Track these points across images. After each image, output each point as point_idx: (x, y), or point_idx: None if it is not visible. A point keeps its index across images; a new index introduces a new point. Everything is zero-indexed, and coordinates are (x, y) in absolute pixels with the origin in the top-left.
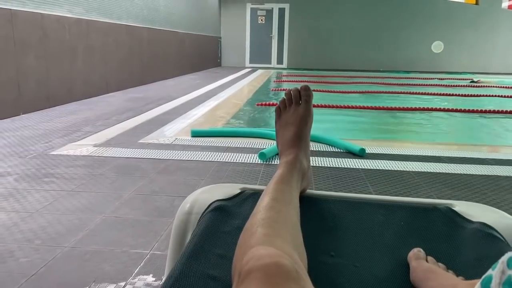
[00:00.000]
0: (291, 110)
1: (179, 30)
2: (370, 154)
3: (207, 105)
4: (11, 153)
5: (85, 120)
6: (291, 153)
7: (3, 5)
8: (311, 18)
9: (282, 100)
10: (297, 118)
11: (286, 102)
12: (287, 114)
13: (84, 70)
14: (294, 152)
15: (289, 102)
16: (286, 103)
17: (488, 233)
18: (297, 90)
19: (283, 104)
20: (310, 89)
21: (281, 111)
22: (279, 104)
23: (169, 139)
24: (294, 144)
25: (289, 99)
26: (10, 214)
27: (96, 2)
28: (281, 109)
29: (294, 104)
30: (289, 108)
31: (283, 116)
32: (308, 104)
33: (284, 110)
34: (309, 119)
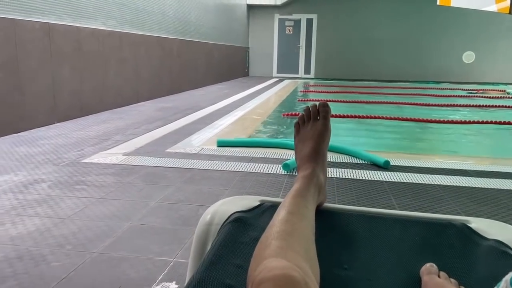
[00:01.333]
0: (309, 125)
1: (209, 41)
2: (395, 167)
3: (233, 115)
4: (45, 160)
5: (116, 129)
6: (308, 168)
7: (41, 19)
8: (339, 29)
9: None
10: (315, 134)
11: (305, 118)
12: (305, 130)
13: (116, 81)
14: (311, 166)
15: (307, 118)
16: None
17: (502, 251)
18: (315, 107)
19: (301, 119)
20: (328, 106)
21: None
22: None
23: (195, 149)
24: (312, 159)
25: (308, 115)
26: (43, 219)
27: (129, 15)
28: (300, 124)
29: (312, 120)
30: (308, 124)
31: (301, 132)
32: (326, 120)
33: (302, 125)
34: (326, 135)
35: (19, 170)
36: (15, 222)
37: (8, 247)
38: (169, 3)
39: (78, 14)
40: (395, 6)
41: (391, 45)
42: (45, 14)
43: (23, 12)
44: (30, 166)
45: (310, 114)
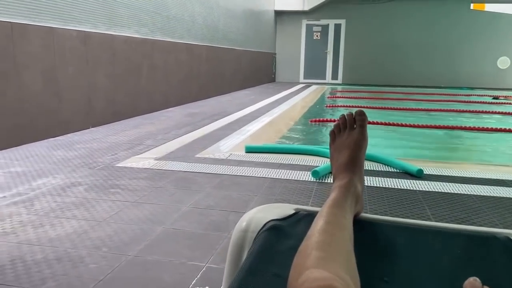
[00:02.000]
0: (345, 134)
1: (236, 47)
2: (428, 176)
3: (261, 120)
4: (81, 164)
5: (147, 134)
6: (345, 177)
7: (78, 27)
8: (368, 34)
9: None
10: (352, 142)
11: (341, 126)
12: (342, 138)
13: (147, 87)
14: (348, 176)
15: (343, 126)
16: (341, 127)
17: None
18: (351, 115)
19: (337, 128)
20: (365, 114)
21: (335, 135)
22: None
23: (224, 154)
24: (349, 168)
25: (344, 123)
26: (80, 222)
27: (161, 22)
28: (336, 133)
29: (348, 129)
30: (344, 132)
31: (337, 140)
32: (362, 129)
33: (338, 134)
34: (363, 144)
35: (57, 173)
36: (53, 224)
37: (47, 249)
38: (198, 10)
39: (113, 23)
40: (426, 11)
41: (421, 50)
42: (82, 22)
43: (61, 21)
44: (67, 170)
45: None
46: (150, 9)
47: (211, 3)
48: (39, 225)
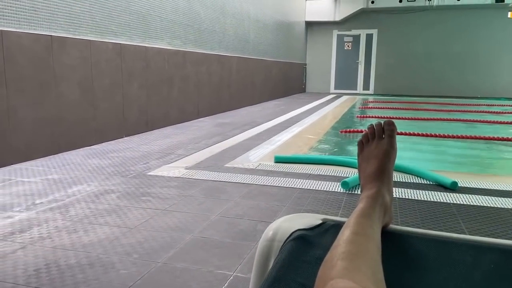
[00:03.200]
0: (373, 144)
1: (266, 58)
2: (463, 188)
3: (290, 131)
4: (115, 172)
5: (178, 143)
6: (373, 187)
7: (114, 40)
8: (400, 43)
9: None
10: (380, 152)
11: (369, 136)
12: (370, 148)
13: (179, 98)
14: (376, 186)
15: (371, 136)
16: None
17: None
18: (380, 125)
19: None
20: (394, 124)
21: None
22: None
23: (253, 164)
24: (377, 178)
25: (372, 133)
26: (112, 228)
27: (193, 34)
28: (364, 143)
29: (377, 139)
30: (372, 142)
31: (365, 150)
32: (391, 139)
33: (366, 144)
34: (392, 154)
35: (91, 181)
36: (87, 230)
37: (81, 254)
38: (229, 22)
39: (147, 35)
40: (460, 20)
41: (456, 60)
42: (118, 35)
43: (98, 34)
44: (101, 177)
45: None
46: (183, 22)
47: (242, 15)
48: (73, 230)
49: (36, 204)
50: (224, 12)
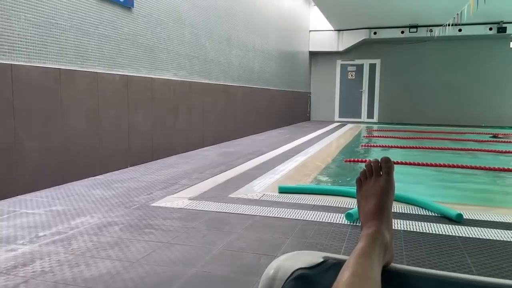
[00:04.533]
0: (371, 181)
1: (271, 87)
2: (468, 220)
3: (295, 160)
4: (118, 203)
5: (183, 173)
6: (373, 226)
7: (121, 72)
8: (403, 73)
9: (363, 171)
10: (378, 190)
11: (367, 173)
12: (368, 185)
13: (184, 127)
14: (375, 224)
15: (369, 173)
16: (367, 174)
17: None
18: (377, 162)
19: (363, 175)
20: (391, 161)
21: (362, 182)
22: (360, 175)
23: (257, 195)
24: (376, 216)
25: (370, 170)
26: (114, 262)
27: (198, 65)
28: (362, 180)
29: (375, 176)
30: (370, 180)
31: (364, 187)
32: (389, 176)
33: (365, 181)
34: (390, 191)
35: (95, 213)
36: (89, 264)
37: None
38: (234, 53)
39: (153, 67)
40: (462, 50)
41: (459, 89)
42: (125, 67)
43: (106, 66)
44: (105, 209)
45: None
46: (189, 54)
47: (247, 46)
48: (75, 264)
49: (39, 237)
50: (229, 43)
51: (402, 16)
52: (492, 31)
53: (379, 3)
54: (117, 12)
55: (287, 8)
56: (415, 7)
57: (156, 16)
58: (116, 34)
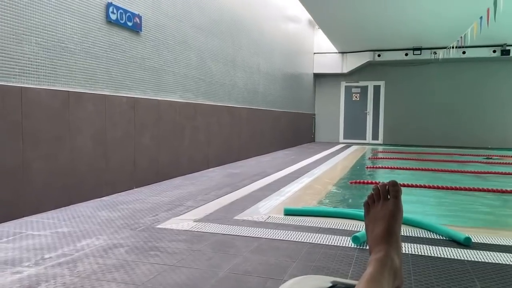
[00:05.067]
0: (379, 205)
1: (275, 108)
2: (477, 244)
3: (300, 181)
4: (124, 225)
5: (188, 194)
6: (382, 250)
7: (128, 94)
8: (408, 94)
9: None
10: (387, 214)
11: (375, 197)
12: (376, 209)
13: (189, 148)
14: (384, 249)
15: (377, 197)
16: (375, 198)
17: None
18: (385, 186)
19: (371, 199)
20: (399, 185)
21: (369, 206)
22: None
23: (262, 217)
24: (385, 240)
25: (377, 195)
26: (120, 285)
27: (204, 87)
28: (370, 204)
29: (382, 199)
30: (378, 203)
31: (372, 211)
32: (397, 200)
33: (372, 205)
34: (398, 215)
35: (100, 234)
36: (94, 287)
37: None
38: (239, 75)
39: (160, 89)
40: (467, 72)
41: (463, 111)
42: (132, 89)
43: (113, 89)
44: (110, 231)
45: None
46: (195, 76)
47: (252, 68)
48: (80, 287)
49: (45, 259)
50: (234, 66)
51: (406, 38)
52: (496, 53)
53: (383, 27)
54: (126, 36)
55: (291, 31)
56: (418, 30)
57: (163, 39)
58: (124, 57)
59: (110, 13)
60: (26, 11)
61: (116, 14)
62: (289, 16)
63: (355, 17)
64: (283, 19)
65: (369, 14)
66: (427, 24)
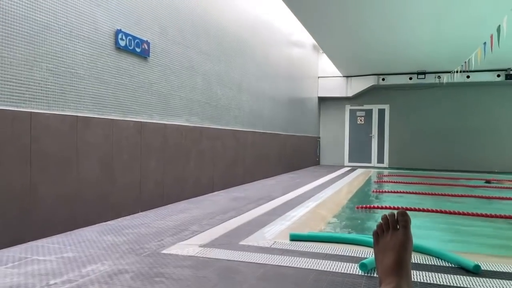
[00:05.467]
0: (389, 235)
1: (280, 132)
2: (487, 272)
3: (306, 206)
4: (129, 250)
5: (193, 219)
6: (392, 282)
7: (135, 118)
8: (413, 118)
9: (380, 224)
10: (396, 244)
11: (384, 227)
12: (385, 239)
13: (195, 171)
14: (395, 280)
15: (386, 226)
16: (384, 228)
17: None
18: (393, 215)
19: (380, 229)
20: (407, 215)
21: (379, 235)
22: (377, 229)
23: (268, 242)
24: (395, 272)
25: (386, 224)
26: None
27: (210, 111)
28: (379, 233)
29: (391, 230)
30: (387, 233)
31: (381, 241)
32: (406, 230)
33: (382, 235)
34: (408, 245)
35: (106, 260)
36: None
37: None
38: (245, 99)
39: (166, 113)
40: (471, 96)
41: (469, 134)
42: (139, 114)
43: (121, 113)
44: (115, 256)
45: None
46: (201, 100)
47: (258, 92)
48: None
49: (50, 285)
50: (240, 90)
51: (410, 63)
52: (500, 77)
53: (387, 52)
54: (134, 61)
55: (296, 55)
56: (422, 55)
57: (170, 64)
58: (132, 82)
59: (119, 39)
60: (37, 38)
61: (125, 40)
62: (294, 41)
63: (359, 43)
64: (288, 44)
65: (373, 40)
66: (431, 49)
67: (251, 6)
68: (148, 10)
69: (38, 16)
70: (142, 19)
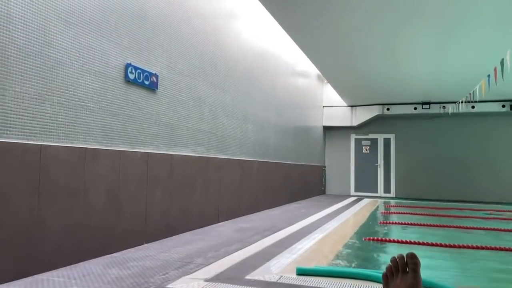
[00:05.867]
0: (398, 278)
1: (286, 161)
2: None
3: (312, 237)
4: (134, 284)
5: (198, 251)
6: None
7: (142, 149)
8: (418, 147)
9: (389, 267)
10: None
11: (393, 269)
12: (395, 283)
13: (200, 202)
14: None
15: (395, 269)
16: (393, 270)
17: None
18: (403, 258)
19: (389, 271)
20: (417, 257)
21: (388, 278)
22: (386, 271)
23: (274, 276)
24: None
25: (396, 266)
26: None
27: (216, 141)
28: (388, 276)
29: (401, 273)
30: (397, 276)
31: (391, 285)
32: (416, 274)
33: (391, 278)
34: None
35: None
36: None
37: None
38: (251, 129)
39: (173, 143)
40: (477, 126)
41: (475, 165)
42: (146, 145)
43: (128, 145)
44: None
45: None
46: (207, 130)
47: (263, 122)
48: None
49: None
50: (246, 120)
51: (414, 93)
52: (505, 108)
53: (391, 82)
54: (142, 94)
55: (301, 85)
56: (427, 87)
57: (178, 96)
58: (140, 114)
59: (128, 73)
60: (50, 73)
61: (134, 74)
62: (299, 71)
63: (363, 73)
64: (293, 74)
65: (377, 72)
66: (435, 80)
67: (259, 40)
68: (158, 44)
69: (51, 52)
70: (152, 53)
